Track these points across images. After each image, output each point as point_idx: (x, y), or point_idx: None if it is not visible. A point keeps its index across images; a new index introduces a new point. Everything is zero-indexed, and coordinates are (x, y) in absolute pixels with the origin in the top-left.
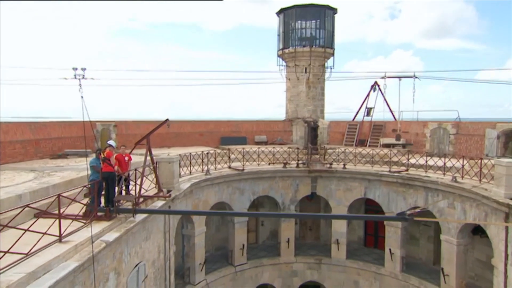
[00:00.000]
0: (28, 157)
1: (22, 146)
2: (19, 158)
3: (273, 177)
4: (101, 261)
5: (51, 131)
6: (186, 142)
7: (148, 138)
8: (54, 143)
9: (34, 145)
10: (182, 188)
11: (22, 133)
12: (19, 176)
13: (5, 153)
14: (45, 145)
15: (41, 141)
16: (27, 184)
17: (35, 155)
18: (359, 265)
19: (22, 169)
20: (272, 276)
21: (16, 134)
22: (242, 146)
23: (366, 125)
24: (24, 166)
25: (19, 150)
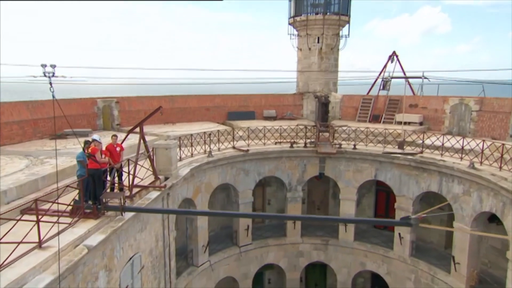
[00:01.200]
0: (26, 138)
1: (20, 127)
2: (17, 139)
3: (279, 157)
4: (88, 262)
5: (49, 110)
6: (191, 118)
7: (141, 126)
8: (53, 122)
9: (32, 125)
10: (181, 174)
11: (19, 113)
12: (11, 163)
13: (2, 135)
14: (44, 125)
15: (40, 121)
16: (15, 176)
17: (33, 136)
18: (367, 247)
19: (17, 154)
20: (277, 256)
21: (13, 115)
22: (250, 121)
23: (381, 99)
24: (20, 149)
25: (17, 131)
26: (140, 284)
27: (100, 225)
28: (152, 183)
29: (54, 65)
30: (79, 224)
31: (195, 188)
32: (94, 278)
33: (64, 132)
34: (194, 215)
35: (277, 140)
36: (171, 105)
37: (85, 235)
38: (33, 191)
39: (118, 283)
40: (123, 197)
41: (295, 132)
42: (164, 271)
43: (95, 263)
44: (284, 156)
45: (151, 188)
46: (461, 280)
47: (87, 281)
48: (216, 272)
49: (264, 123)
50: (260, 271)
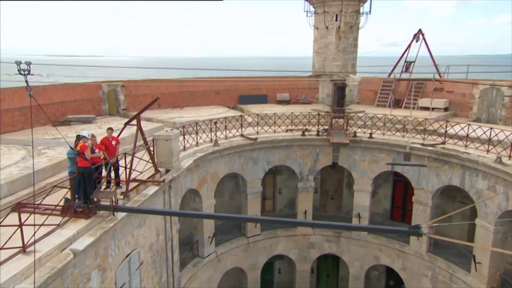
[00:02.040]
0: (28, 124)
1: (22, 114)
2: (19, 126)
3: (290, 146)
4: (78, 264)
5: (52, 95)
6: (201, 102)
7: (138, 118)
8: (56, 108)
9: (34, 111)
10: (183, 166)
11: (20, 99)
12: (8, 154)
13: (3, 122)
14: (47, 111)
15: (43, 107)
16: (8, 170)
17: (36, 122)
18: (382, 241)
19: (17, 143)
20: (287, 247)
21: (14, 101)
22: (262, 105)
23: (403, 82)
24: (21, 137)
25: (19, 118)
26: (139, 280)
27: (91, 225)
28: (152, 176)
29: (30, 62)
30: (69, 225)
31: (201, 178)
32: (85, 280)
33: (67, 118)
34: (188, 217)
35: (288, 128)
36: (180, 89)
37: (73, 237)
38: (26, 186)
39: (113, 282)
40: (115, 196)
41: (308, 119)
42: (166, 265)
43: (87, 264)
44: (295, 145)
45: (150, 183)
46: (482, 280)
47: (77, 283)
48: (223, 263)
49: (277, 107)
50: (270, 261)
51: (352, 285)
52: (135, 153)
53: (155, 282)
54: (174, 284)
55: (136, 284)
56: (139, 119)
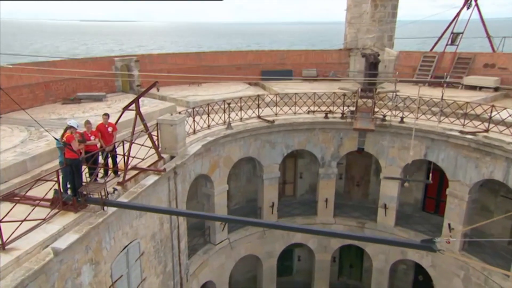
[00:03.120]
0: (38, 102)
1: (30, 91)
2: (28, 104)
3: (311, 129)
4: (66, 259)
5: (62, 71)
6: (221, 78)
7: (137, 103)
8: (67, 84)
9: (44, 88)
10: (190, 151)
11: (28, 75)
12: (9, 137)
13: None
14: (57, 88)
15: (52, 83)
16: (4, 156)
17: (46, 100)
18: (410, 234)
19: (21, 123)
20: (306, 236)
21: (22, 78)
22: (286, 81)
23: (447, 57)
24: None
25: (27, 95)
26: (139, 271)
27: (80, 219)
28: (154, 163)
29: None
30: (56, 218)
31: (212, 163)
32: (75, 275)
33: (77, 96)
34: (181, 216)
35: (310, 109)
36: (198, 63)
37: (58, 234)
38: (20, 173)
39: (108, 274)
40: (105, 189)
41: (332, 100)
42: (171, 254)
43: (76, 259)
44: (317, 128)
45: (150, 171)
46: None
47: (65, 279)
48: (237, 250)
49: (302, 85)
50: (289, 248)
51: (376, 279)
52: (133, 140)
53: (158, 271)
54: (181, 272)
55: (137, 275)
56: (137, 103)
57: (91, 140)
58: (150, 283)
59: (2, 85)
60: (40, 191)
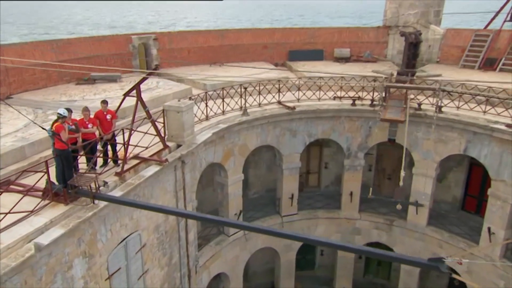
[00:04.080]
0: (51, 82)
1: (43, 70)
2: (41, 84)
3: (337, 116)
4: (54, 252)
5: (77, 50)
6: (245, 57)
7: (138, 89)
8: (82, 64)
9: (57, 68)
10: (199, 139)
11: (42, 54)
12: (14, 119)
13: (23, 80)
14: (71, 67)
15: (66, 63)
16: (4, 141)
17: (60, 80)
18: (443, 236)
19: (30, 104)
20: (328, 230)
21: (35, 56)
22: (316, 62)
23: (504, 36)
24: (36, 98)
25: (40, 75)
26: (140, 263)
27: (69, 212)
28: (158, 152)
29: None
30: (46, 210)
31: (226, 151)
32: (65, 268)
33: (91, 76)
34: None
35: (337, 94)
36: (221, 42)
37: (45, 227)
38: (17, 160)
39: (105, 267)
40: (96, 182)
41: (361, 84)
42: (178, 245)
43: (66, 252)
44: (343, 116)
45: (152, 161)
46: None
47: (54, 273)
48: (253, 242)
49: (332, 66)
50: None
51: (403, 281)
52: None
53: (163, 263)
54: (189, 264)
55: (137, 268)
56: (139, 89)
57: (89, 128)
58: (153, 276)
59: (15, 63)
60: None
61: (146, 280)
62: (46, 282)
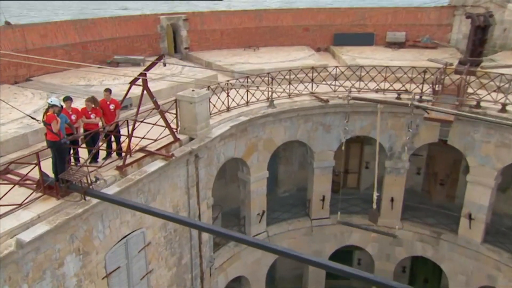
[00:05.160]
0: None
1: (65, 52)
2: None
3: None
4: (43, 248)
5: (102, 31)
6: (284, 41)
7: (144, 76)
8: (106, 45)
9: (80, 49)
10: (214, 133)
11: (64, 35)
12: (26, 104)
13: (44, 61)
14: (95, 49)
15: (89, 44)
16: (8, 127)
17: (83, 62)
18: (502, 257)
19: (47, 88)
20: (364, 238)
21: (57, 37)
22: (365, 47)
23: None
24: (54, 81)
25: (62, 57)
26: (144, 262)
27: (60, 208)
28: (167, 146)
29: None
30: (36, 204)
31: (249, 146)
32: (56, 265)
33: (114, 59)
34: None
35: (380, 86)
36: (257, 23)
37: (31, 222)
38: (20, 147)
39: (102, 265)
40: (88, 177)
41: (409, 76)
42: (190, 245)
43: (57, 248)
44: (386, 111)
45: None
46: None
47: (43, 269)
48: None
49: (382, 52)
50: (348, 249)
51: None
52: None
53: (171, 263)
54: (202, 265)
55: (140, 267)
56: (145, 80)
57: (91, 118)
58: (158, 276)
59: (36, 44)
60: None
61: (150, 280)
62: (34, 278)
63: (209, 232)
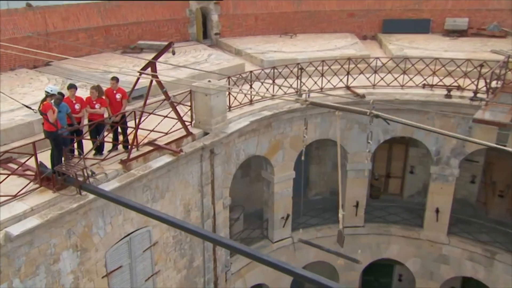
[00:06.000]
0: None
1: (88, 36)
2: (85, 51)
3: (423, 111)
4: (37, 243)
5: (127, 14)
6: (325, 27)
7: (154, 65)
8: (131, 30)
9: (103, 33)
10: (231, 128)
11: (87, 17)
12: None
13: (65, 46)
14: (119, 33)
15: (113, 28)
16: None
17: (106, 47)
18: None
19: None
20: (404, 252)
21: (79, 20)
22: (417, 35)
23: None
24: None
25: (84, 41)
26: (149, 263)
27: (56, 201)
28: (179, 140)
29: None
30: (32, 196)
31: (273, 143)
32: (51, 260)
33: (138, 44)
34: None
35: (427, 81)
36: (296, 7)
37: (23, 215)
38: (24, 136)
39: (102, 264)
40: (85, 170)
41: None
42: (202, 247)
43: (52, 243)
44: (432, 110)
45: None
46: None
47: (36, 264)
48: (303, 253)
49: (436, 42)
50: (386, 262)
51: None
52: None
53: (180, 266)
54: (216, 269)
55: (145, 267)
56: (155, 66)
57: (96, 108)
58: (166, 278)
59: (58, 27)
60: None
61: (156, 282)
62: (26, 274)
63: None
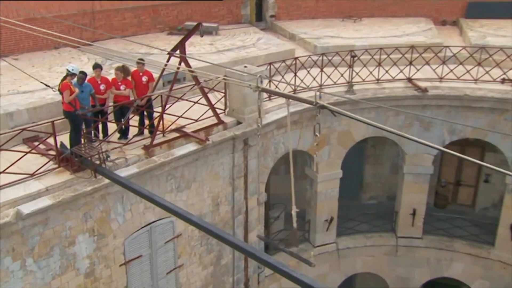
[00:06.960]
0: (143, 29)
1: (135, 15)
2: (131, 31)
3: (500, 109)
4: (52, 224)
5: None
6: (396, 10)
7: (183, 47)
8: (179, 10)
9: (151, 13)
10: (267, 119)
11: None
12: None
13: (111, 25)
14: (167, 14)
15: (161, 8)
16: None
17: (152, 27)
18: None
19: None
20: (469, 271)
21: None
22: (507, 21)
23: None
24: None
25: (130, 21)
26: (172, 256)
27: (70, 183)
28: (209, 127)
29: None
30: (49, 176)
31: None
32: (66, 243)
33: (185, 25)
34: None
35: (507, 75)
36: None
37: (38, 194)
38: (53, 115)
39: (120, 251)
40: (101, 154)
41: None
42: None
43: (68, 225)
44: (508, 109)
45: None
46: None
47: (50, 245)
48: (349, 261)
49: None
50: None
51: None
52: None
53: (206, 262)
54: (247, 269)
55: (168, 260)
56: (184, 47)
57: (121, 90)
58: (190, 273)
59: (104, 5)
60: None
61: (179, 276)
62: (40, 254)
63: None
